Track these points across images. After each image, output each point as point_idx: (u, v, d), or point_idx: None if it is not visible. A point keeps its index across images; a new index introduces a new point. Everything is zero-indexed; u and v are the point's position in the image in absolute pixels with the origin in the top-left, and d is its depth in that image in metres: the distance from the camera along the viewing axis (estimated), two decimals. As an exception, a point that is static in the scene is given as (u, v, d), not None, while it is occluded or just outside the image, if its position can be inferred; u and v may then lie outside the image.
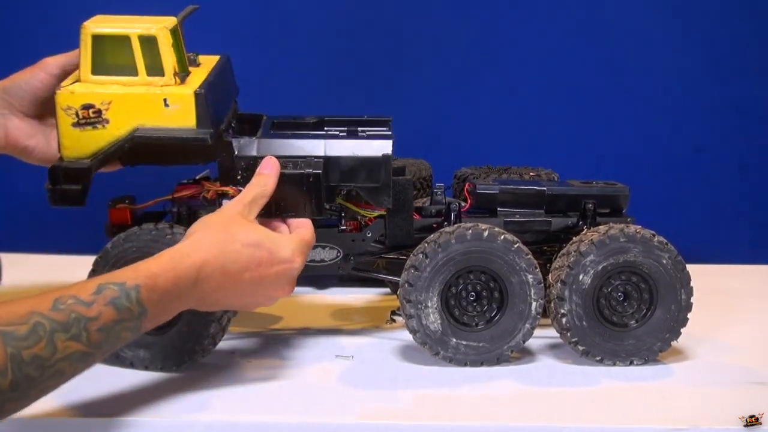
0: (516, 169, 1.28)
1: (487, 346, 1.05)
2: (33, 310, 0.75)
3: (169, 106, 0.99)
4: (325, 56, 1.55)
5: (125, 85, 1.00)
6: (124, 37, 1.00)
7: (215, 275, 0.89)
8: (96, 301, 0.79)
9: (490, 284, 1.05)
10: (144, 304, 0.83)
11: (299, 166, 1.02)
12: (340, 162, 1.03)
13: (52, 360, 0.75)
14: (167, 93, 1.00)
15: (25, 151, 1.10)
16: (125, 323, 0.81)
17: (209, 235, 0.91)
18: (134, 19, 1.03)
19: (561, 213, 1.14)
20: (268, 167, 1.00)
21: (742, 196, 1.63)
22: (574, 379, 1.03)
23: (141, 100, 0.99)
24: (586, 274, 1.04)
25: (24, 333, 0.73)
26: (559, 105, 1.60)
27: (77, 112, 0.99)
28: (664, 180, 1.62)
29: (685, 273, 1.05)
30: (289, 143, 1.04)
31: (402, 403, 0.95)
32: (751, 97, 1.60)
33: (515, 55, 1.58)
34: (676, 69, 1.59)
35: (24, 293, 0.79)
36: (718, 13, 1.57)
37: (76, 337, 0.77)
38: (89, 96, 0.99)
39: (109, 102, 0.99)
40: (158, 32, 1.00)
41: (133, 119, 0.99)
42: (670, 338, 1.06)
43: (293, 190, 1.01)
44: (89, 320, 0.78)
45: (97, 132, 0.99)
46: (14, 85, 1.08)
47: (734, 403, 0.96)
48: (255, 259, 0.92)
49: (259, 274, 0.92)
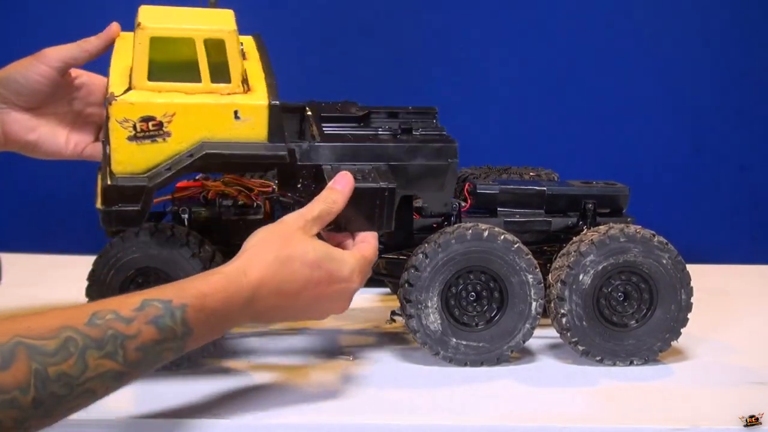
0: (516, 169, 1.28)
1: (487, 346, 1.05)
2: (66, 324, 0.71)
3: (240, 118, 0.92)
4: (325, 55, 1.55)
5: (187, 93, 0.91)
6: (187, 39, 0.90)
7: (271, 296, 0.85)
8: (137, 318, 0.75)
9: (490, 284, 1.05)
10: (189, 324, 0.78)
11: (371, 177, 0.95)
12: (408, 170, 0.98)
13: (82, 378, 0.70)
14: (238, 104, 0.91)
15: (28, 146, 1.06)
16: (167, 343, 0.76)
17: (267, 251, 0.86)
18: (190, 15, 0.94)
19: (561, 213, 1.14)
20: (342, 183, 0.93)
21: (741, 196, 1.64)
22: (574, 379, 1.03)
23: (209, 111, 0.91)
24: (586, 274, 1.04)
25: (53, 348, 0.69)
26: (559, 105, 1.60)
27: (135, 125, 0.89)
28: (664, 180, 1.62)
29: (685, 273, 1.05)
30: (353, 150, 0.97)
31: (402, 403, 0.95)
32: (751, 97, 1.60)
33: (515, 55, 1.58)
34: (676, 69, 1.59)
35: (24, 293, 0.78)
36: (718, 13, 1.58)
37: (110, 355, 0.72)
38: (150, 107, 0.89)
39: (172, 114, 0.90)
40: (227, 35, 0.91)
41: (197, 132, 0.91)
42: (670, 338, 1.06)
43: (363, 203, 0.94)
44: (127, 338, 0.73)
45: (156, 146, 0.90)
46: (10, 78, 1.03)
47: (734, 403, 0.96)
48: (313, 279, 0.87)
49: (316, 293, 0.88)
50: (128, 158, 0.90)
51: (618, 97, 1.60)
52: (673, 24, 1.58)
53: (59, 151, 1.05)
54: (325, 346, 1.12)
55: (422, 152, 0.99)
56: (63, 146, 1.05)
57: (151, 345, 0.75)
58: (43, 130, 1.05)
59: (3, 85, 1.02)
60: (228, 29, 0.91)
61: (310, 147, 0.96)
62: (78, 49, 1.02)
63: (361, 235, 0.95)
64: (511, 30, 1.58)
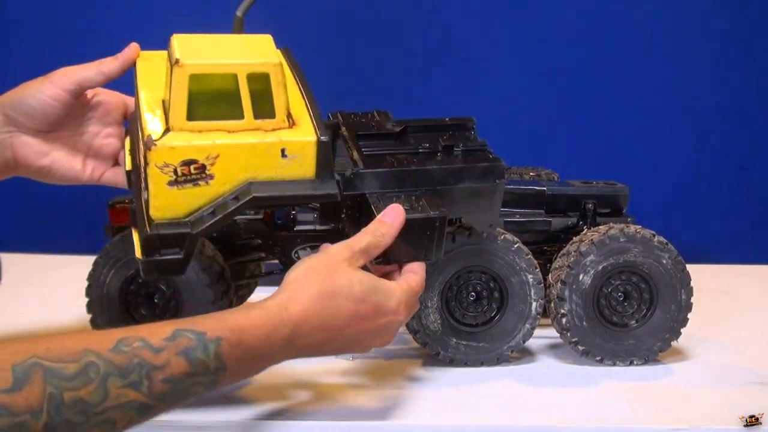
0: (516, 169, 1.28)
1: (487, 346, 1.05)
2: (89, 348, 0.67)
3: (287, 156, 0.85)
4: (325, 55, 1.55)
5: (230, 132, 0.84)
6: (230, 75, 0.83)
7: (314, 332, 0.80)
8: (166, 348, 0.70)
9: (490, 284, 1.05)
10: (223, 359, 0.73)
11: (420, 206, 0.89)
12: (454, 193, 0.93)
13: (101, 407, 0.66)
14: (285, 142, 0.85)
15: (41, 171, 0.98)
16: (197, 378, 0.72)
17: (310, 285, 0.80)
18: (229, 45, 0.87)
19: (561, 213, 1.14)
20: (392, 216, 0.87)
21: (742, 196, 1.64)
22: (574, 379, 1.03)
23: (255, 151, 0.84)
24: (586, 274, 1.04)
25: (72, 372, 0.65)
26: (559, 105, 1.60)
27: (176, 170, 0.82)
28: (664, 180, 1.62)
29: (685, 273, 1.05)
30: (398, 176, 0.90)
31: (402, 403, 0.95)
32: (751, 98, 1.60)
33: (516, 55, 1.58)
34: (677, 69, 1.59)
35: (24, 293, 0.77)
36: (718, 13, 1.58)
37: (134, 385, 0.68)
38: (192, 150, 0.82)
39: (216, 156, 0.83)
40: (272, 69, 0.84)
41: (242, 173, 0.85)
42: (670, 338, 1.06)
43: (412, 234, 0.87)
44: (154, 368, 0.69)
45: (198, 189, 0.84)
46: (20, 100, 0.95)
47: (734, 403, 0.95)
48: (359, 315, 0.82)
49: (360, 328, 0.83)
50: (168, 203, 0.84)
51: (618, 98, 1.60)
52: (674, 24, 1.58)
53: (76, 176, 0.99)
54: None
55: (468, 174, 0.93)
56: (80, 171, 0.99)
57: (180, 378, 0.70)
58: (57, 154, 0.98)
59: (13, 107, 0.96)
60: (272, 62, 0.84)
61: (354, 175, 0.89)
62: (94, 71, 0.96)
63: (409, 265, 0.89)
64: (511, 30, 1.58)
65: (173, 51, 0.84)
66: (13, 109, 0.95)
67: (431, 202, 0.90)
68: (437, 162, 0.93)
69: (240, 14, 0.92)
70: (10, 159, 0.97)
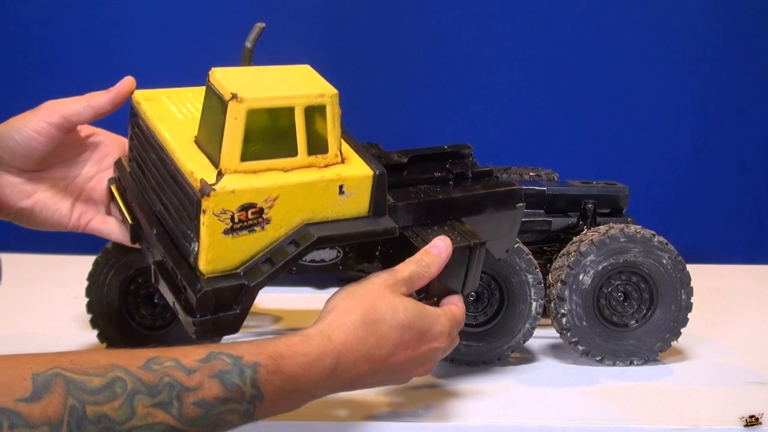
0: (516, 169, 1.28)
1: (487, 345, 1.05)
2: (117, 363, 0.63)
3: (344, 193, 0.80)
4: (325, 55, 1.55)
5: (285, 171, 0.77)
6: (287, 109, 0.76)
7: (357, 363, 0.75)
8: (200, 370, 0.66)
9: (490, 284, 1.05)
10: (260, 387, 0.68)
11: (457, 237, 0.86)
12: (480, 220, 0.90)
13: (126, 426, 0.61)
14: (344, 177, 0.79)
15: (22, 214, 0.90)
16: (232, 404, 0.67)
17: (354, 313, 0.76)
18: (276, 77, 0.80)
19: (561, 213, 1.14)
20: (439, 249, 0.83)
21: (742, 196, 1.64)
22: (574, 379, 1.03)
23: (313, 190, 0.78)
24: (587, 274, 1.04)
25: (96, 386, 0.61)
26: (559, 105, 1.60)
27: (233, 216, 0.74)
28: (664, 180, 1.62)
29: (685, 273, 1.05)
30: (427, 207, 0.87)
31: (402, 403, 0.95)
32: (751, 97, 1.60)
33: (515, 55, 1.58)
34: (677, 69, 1.59)
35: (24, 293, 0.76)
36: (718, 13, 1.58)
37: (164, 406, 0.63)
38: (253, 194, 0.74)
39: (275, 198, 0.75)
40: (329, 101, 0.78)
41: (299, 214, 0.78)
42: (670, 338, 1.06)
43: (452, 263, 0.84)
44: (186, 390, 0.64)
45: (253, 236, 0.76)
46: (4, 135, 0.87)
47: (734, 403, 0.95)
48: (403, 343, 0.78)
49: (404, 357, 0.79)
50: (221, 254, 0.75)
51: (618, 97, 1.60)
52: (674, 24, 1.58)
53: (59, 221, 0.91)
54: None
55: (490, 200, 0.91)
56: (65, 216, 0.91)
57: (213, 403, 0.66)
58: (43, 195, 0.90)
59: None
60: (330, 93, 0.78)
61: (389, 209, 0.85)
62: (83, 105, 0.88)
63: (448, 297, 0.86)
64: (511, 30, 1.58)
65: (223, 85, 0.75)
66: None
67: (465, 231, 0.88)
68: (461, 190, 0.91)
69: (249, 45, 0.85)
70: None
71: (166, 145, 0.80)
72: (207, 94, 0.78)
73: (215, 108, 0.76)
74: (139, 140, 0.86)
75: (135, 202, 0.86)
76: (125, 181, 0.90)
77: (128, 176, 0.89)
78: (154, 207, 0.83)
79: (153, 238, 0.81)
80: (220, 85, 0.76)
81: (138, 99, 0.87)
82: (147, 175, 0.84)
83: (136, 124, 0.87)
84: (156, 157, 0.81)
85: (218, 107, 0.76)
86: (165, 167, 0.80)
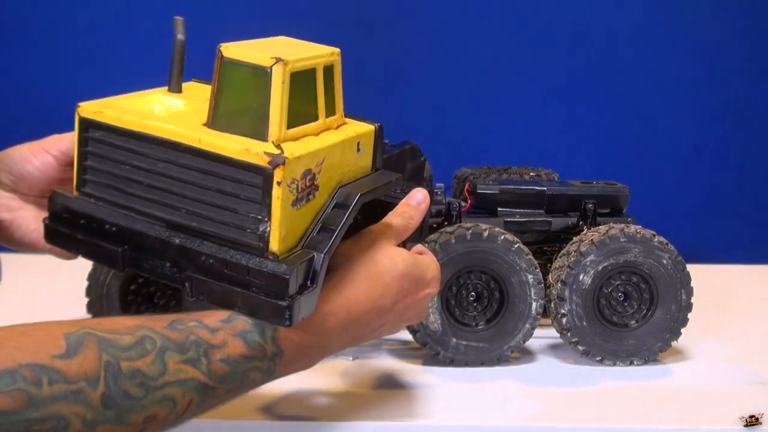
0: (516, 169, 1.28)
1: (487, 346, 1.05)
2: (143, 324, 0.64)
3: (360, 150, 0.80)
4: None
5: (316, 135, 0.75)
6: (311, 71, 0.74)
7: (367, 314, 0.77)
8: (223, 329, 0.67)
9: (490, 284, 1.05)
10: (280, 344, 0.70)
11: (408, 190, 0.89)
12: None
13: (160, 381, 0.62)
14: (359, 134, 0.79)
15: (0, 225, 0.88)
16: (255, 362, 0.69)
17: (358, 267, 0.78)
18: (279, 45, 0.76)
19: (561, 213, 1.14)
20: (418, 200, 0.87)
21: (742, 196, 1.64)
22: (574, 379, 1.03)
23: (344, 150, 0.77)
24: (587, 274, 1.04)
25: (127, 343, 0.62)
26: (559, 105, 1.60)
27: (298, 185, 0.71)
28: (664, 180, 1.62)
29: (686, 273, 1.05)
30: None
31: (402, 403, 0.95)
32: (751, 97, 1.60)
33: (515, 55, 1.58)
34: (676, 69, 1.59)
35: (24, 293, 0.76)
36: (717, 13, 1.58)
37: (193, 362, 0.65)
38: (309, 159, 0.72)
39: (321, 161, 0.74)
40: (337, 59, 0.78)
41: (335, 177, 0.77)
42: (670, 338, 1.06)
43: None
44: (212, 347, 0.66)
45: (308, 206, 0.73)
46: (7, 156, 0.88)
47: (734, 403, 0.96)
48: (403, 290, 0.80)
49: (405, 304, 0.81)
50: (290, 230, 0.72)
51: (618, 98, 1.60)
52: (673, 24, 1.58)
53: (35, 240, 0.87)
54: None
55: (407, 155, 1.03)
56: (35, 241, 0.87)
57: (239, 360, 0.67)
58: (26, 214, 0.88)
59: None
60: (337, 51, 0.77)
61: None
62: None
63: (417, 246, 0.90)
64: (511, 30, 1.58)
65: (253, 55, 0.71)
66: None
67: (410, 186, 0.90)
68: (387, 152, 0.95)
69: (183, 38, 0.80)
70: None
71: (183, 140, 0.73)
72: (226, 71, 0.73)
73: (246, 80, 0.72)
74: (114, 155, 0.76)
75: (114, 226, 0.76)
76: (81, 209, 0.77)
77: (88, 203, 0.77)
78: (165, 216, 0.75)
79: (174, 248, 0.74)
80: (247, 55, 0.71)
81: (91, 110, 0.76)
82: (144, 186, 0.75)
83: (98, 140, 0.76)
84: (164, 160, 0.74)
85: (251, 78, 0.71)
86: (185, 164, 0.73)
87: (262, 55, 0.71)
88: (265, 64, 0.70)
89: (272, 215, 0.70)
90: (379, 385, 1.01)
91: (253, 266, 0.70)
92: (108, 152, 0.75)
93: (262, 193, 0.70)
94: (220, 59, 0.73)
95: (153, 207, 0.75)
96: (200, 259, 0.72)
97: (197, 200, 0.73)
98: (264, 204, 0.70)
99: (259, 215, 0.70)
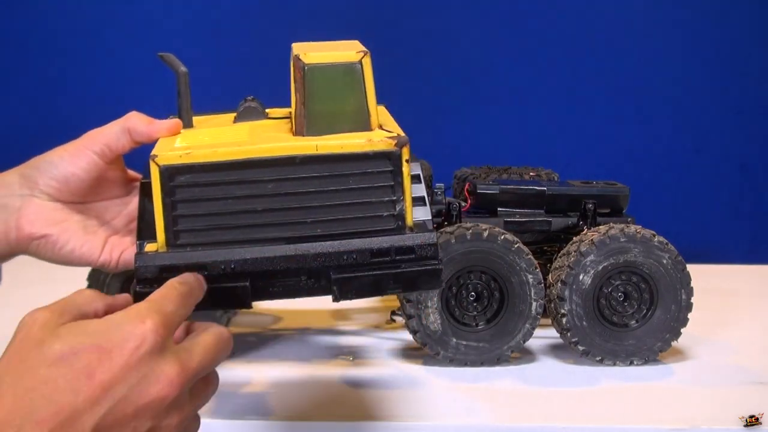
0: (516, 169, 1.27)
1: (487, 346, 1.05)
2: None
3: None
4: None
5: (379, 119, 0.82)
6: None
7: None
8: None
9: (490, 284, 1.05)
10: None
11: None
12: None
13: None
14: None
15: (46, 241, 0.81)
16: None
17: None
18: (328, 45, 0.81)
19: (561, 213, 1.13)
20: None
21: (742, 196, 1.64)
22: (574, 379, 1.03)
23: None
24: (587, 274, 1.04)
25: None
26: (559, 105, 1.60)
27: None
28: (664, 180, 1.62)
29: (686, 273, 1.05)
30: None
31: (402, 403, 0.95)
32: (751, 97, 1.60)
33: (515, 55, 1.59)
34: (677, 69, 1.59)
35: (24, 293, 0.76)
36: (718, 13, 1.58)
37: None
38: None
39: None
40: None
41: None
42: (670, 338, 1.06)
43: None
44: None
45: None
46: (45, 159, 0.82)
47: (734, 403, 0.95)
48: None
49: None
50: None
51: (618, 98, 1.60)
52: (673, 24, 1.58)
53: (88, 252, 0.82)
54: (325, 346, 1.12)
55: None
56: (95, 248, 0.83)
57: None
58: (73, 225, 0.82)
59: (37, 166, 0.82)
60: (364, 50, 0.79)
61: None
62: (118, 127, 0.82)
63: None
64: (511, 30, 1.58)
65: (335, 53, 0.76)
66: (36, 168, 0.82)
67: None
68: None
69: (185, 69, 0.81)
70: (11, 228, 0.81)
71: (298, 152, 0.73)
72: (314, 76, 0.75)
73: (335, 78, 0.76)
74: (209, 194, 0.73)
75: (232, 263, 0.73)
76: (184, 261, 0.73)
77: (189, 254, 0.73)
78: (285, 234, 0.74)
79: (309, 259, 0.73)
80: (330, 57, 0.76)
81: (173, 156, 0.72)
82: (256, 213, 0.73)
83: (187, 185, 0.73)
84: (274, 179, 0.73)
85: (341, 76, 0.76)
86: (301, 176, 0.73)
87: (345, 53, 0.76)
88: (353, 59, 0.76)
89: (405, 192, 0.75)
90: (379, 385, 1.01)
91: (401, 244, 0.74)
92: (202, 194, 0.73)
93: (392, 176, 0.74)
94: (302, 68, 0.75)
95: (268, 230, 0.74)
96: (342, 259, 0.73)
97: (323, 207, 0.74)
98: (397, 184, 0.74)
99: (394, 196, 0.75)
